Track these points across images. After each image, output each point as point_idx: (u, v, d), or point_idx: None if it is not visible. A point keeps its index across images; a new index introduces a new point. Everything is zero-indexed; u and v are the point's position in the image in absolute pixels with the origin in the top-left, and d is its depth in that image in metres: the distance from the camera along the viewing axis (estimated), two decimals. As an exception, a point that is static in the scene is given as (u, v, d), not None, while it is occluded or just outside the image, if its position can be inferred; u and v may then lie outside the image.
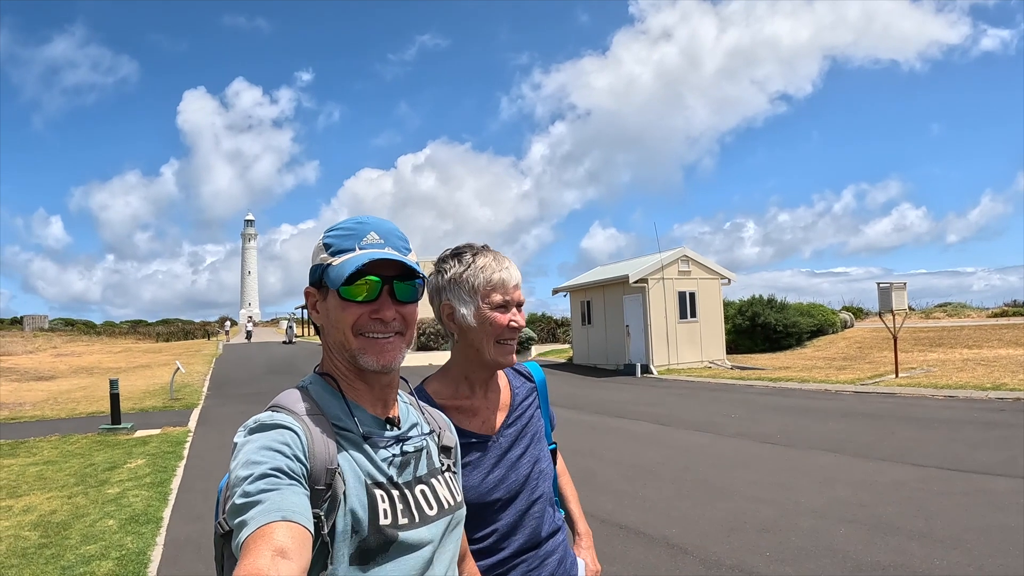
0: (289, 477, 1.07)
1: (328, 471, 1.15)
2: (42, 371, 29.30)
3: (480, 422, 1.79)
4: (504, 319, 1.74)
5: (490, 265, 1.74)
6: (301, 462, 1.11)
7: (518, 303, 1.77)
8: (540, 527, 1.81)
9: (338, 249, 1.29)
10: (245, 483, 1.04)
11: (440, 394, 1.79)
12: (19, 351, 41.01)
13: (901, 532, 5.36)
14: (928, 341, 22.74)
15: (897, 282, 16.61)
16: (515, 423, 1.85)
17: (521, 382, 1.97)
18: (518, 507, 1.77)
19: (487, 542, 1.72)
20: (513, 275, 1.76)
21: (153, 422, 13.78)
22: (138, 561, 5.51)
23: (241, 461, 1.09)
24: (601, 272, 27.38)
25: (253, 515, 0.99)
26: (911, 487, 6.66)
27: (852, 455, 8.29)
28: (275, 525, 0.98)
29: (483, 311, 1.73)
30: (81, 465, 9.62)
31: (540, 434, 1.92)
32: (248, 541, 0.96)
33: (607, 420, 12.35)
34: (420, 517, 1.27)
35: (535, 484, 1.82)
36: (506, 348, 1.76)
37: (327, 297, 1.31)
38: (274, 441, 1.11)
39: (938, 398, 12.82)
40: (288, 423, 1.16)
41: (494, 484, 1.74)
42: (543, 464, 1.87)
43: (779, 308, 28.30)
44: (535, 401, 1.96)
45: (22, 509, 7.26)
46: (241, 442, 1.14)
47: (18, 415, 15.82)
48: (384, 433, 1.30)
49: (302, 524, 1.01)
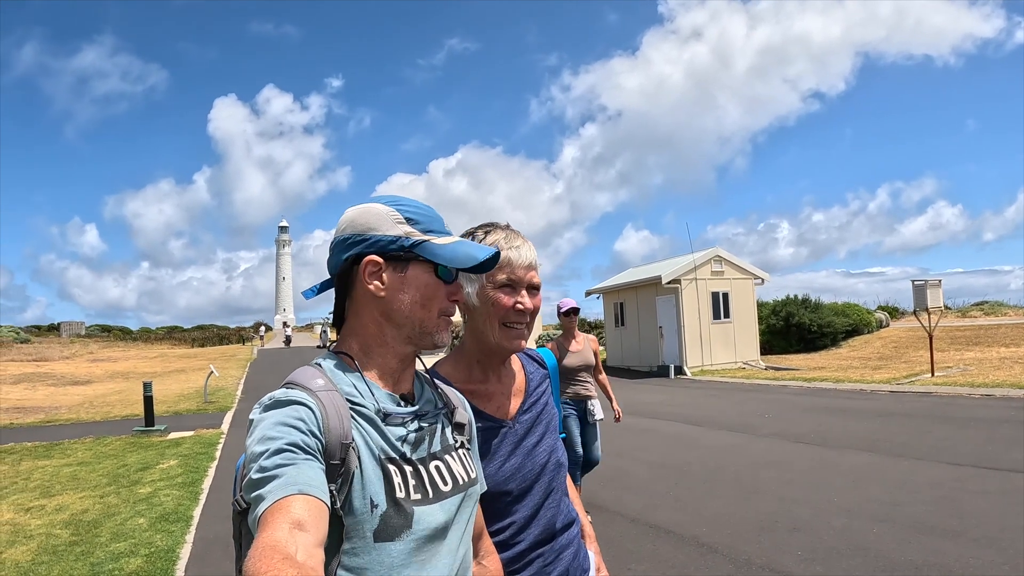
0: (305, 452, 1.07)
1: (343, 446, 1.15)
2: (78, 376, 29.83)
3: (495, 407, 1.71)
4: (509, 300, 1.63)
5: (499, 241, 1.64)
6: (316, 437, 1.11)
7: (529, 285, 1.66)
8: (556, 519, 1.73)
9: (428, 228, 1.33)
10: (261, 458, 1.04)
11: (452, 377, 1.71)
12: (56, 357, 41.77)
13: (935, 531, 5.23)
14: (965, 340, 22.31)
15: (932, 280, 16.30)
16: (531, 409, 1.77)
17: (535, 367, 1.89)
18: (535, 498, 1.69)
19: (502, 536, 1.65)
20: (523, 255, 1.65)
21: (187, 424, 13.96)
22: (166, 558, 5.56)
23: (257, 437, 1.09)
24: (634, 273, 27.19)
25: (270, 489, 1.00)
26: (946, 486, 6.51)
27: (887, 454, 8.13)
28: (292, 498, 0.98)
29: (487, 290, 1.63)
30: (114, 466, 9.76)
31: (555, 423, 1.84)
32: (266, 514, 0.97)
33: (640, 421, 12.25)
34: (435, 493, 1.26)
35: (552, 474, 1.74)
36: (512, 332, 1.65)
37: (404, 270, 1.30)
38: (289, 417, 1.11)
39: (975, 397, 12.54)
40: (303, 399, 1.15)
41: (511, 473, 1.66)
42: (559, 453, 1.79)
43: (813, 308, 27.93)
44: (548, 388, 1.88)
45: (55, 508, 7.37)
46: (257, 419, 1.14)
47: (54, 418, 16.11)
48: (398, 410, 1.30)
49: (319, 497, 1.01)
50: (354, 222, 1.32)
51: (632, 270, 28.94)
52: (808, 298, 28.74)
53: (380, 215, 1.31)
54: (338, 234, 1.34)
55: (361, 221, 1.31)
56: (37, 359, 39.72)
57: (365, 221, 1.31)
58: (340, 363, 1.30)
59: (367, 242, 1.29)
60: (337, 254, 1.33)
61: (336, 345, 1.36)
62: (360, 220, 1.32)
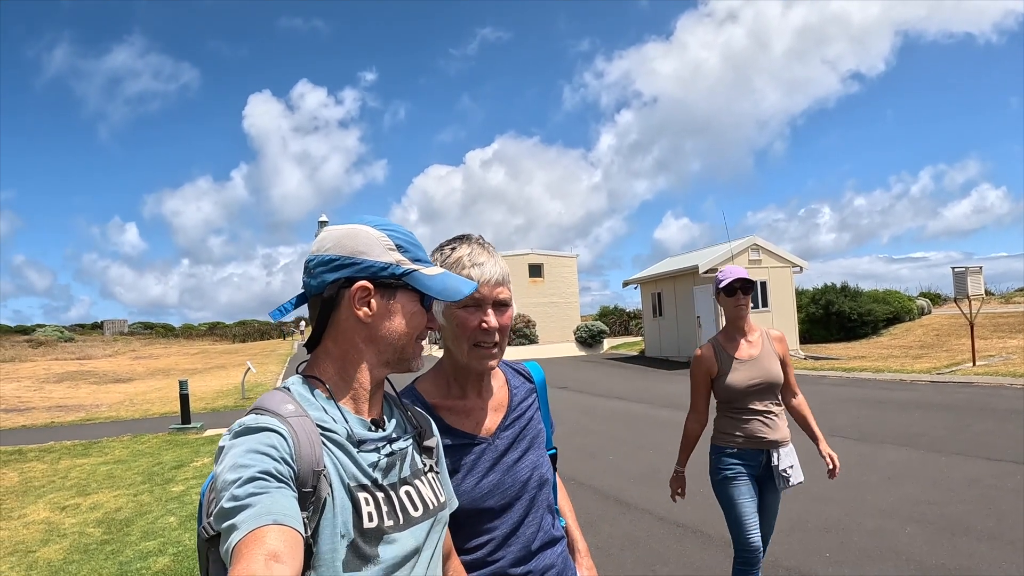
0: (278, 480, 1.05)
1: (314, 473, 1.13)
2: (120, 374, 30.46)
3: (474, 423, 1.69)
4: (474, 320, 1.59)
5: (462, 259, 1.61)
6: (288, 464, 1.09)
7: (496, 302, 1.61)
8: (536, 536, 1.69)
9: (416, 257, 1.34)
10: (233, 487, 1.01)
11: (430, 393, 1.70)
12: (99, 355, 42.76)
13: (970, 533, 5.07)
14: (1008, 327, 21.74)
15: (973, 266, 15.90)
16: (513, 425, 1.74)
17: (520, 382, 1.85)
18: (515, 515, 1.66)
19: (480, 553, 1.62)
20: (487, 271, 1.60)
21: (223, 421, 14.15)
22: (194, 557, 5.62)
23: (228, 465, 1.06)
24: (671, 263, 26.98)
25: (243, 519, 0.97)
26: (984, 484, 6.32)
27: (925, 449, 7.94)
28: (267, 529, 0.96)
29: (452, 309, 1.61)
30: (149, 464, 9.92)
31: (540, 438, 1.80)
32: (240, 545, 0.95)
33: (677, 414, 12.10)
34: (405, 519, 1.25)
35: (534, 491, 1.71)
36: (481, 352, 1.61)
37: (392, 297, 1.29)
38: (261, 444, 1.09)
39: (1016, 387, 12.18)
40: (274, 426, 1.13)
41: (489, 489, 1.64)
42: (543, 469, 1.75)
43: (853, 296, 27.41)
44: (535, 403, 1.84)
45: (89, 507, 7.50)
46: (227, 445, 1.11)
47: (93, 416, 16.45)
48: (369, 435, 1.28)
49: (294, 527, 1.00)
50: (341, 243, 1.29)
51: (669, 260, 28.72)
52: (848, 286, 28.22)
53: (371, 240, 1.30)
54: (321, 253, 1.30)
55: (350, 244, 1.29)
56: (80, 357, 40.68)
57: (354, 244, 1.29)
58: (310, 387, 1.27)
59: (358, 266, 1.27)
60: (320, 274, 1.29)
61: (307, 367, 1.32)
62: (348, 243, 1.29)
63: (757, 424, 3.47)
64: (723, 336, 3.65)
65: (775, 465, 3.46)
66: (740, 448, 3.47)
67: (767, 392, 3.52)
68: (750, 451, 3.46)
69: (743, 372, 3.49)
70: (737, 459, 3.47)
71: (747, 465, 3.46)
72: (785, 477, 3.43)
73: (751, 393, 3.48)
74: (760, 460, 3.48)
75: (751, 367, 3.51)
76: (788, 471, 3.44)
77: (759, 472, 3.49)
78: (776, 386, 3.55)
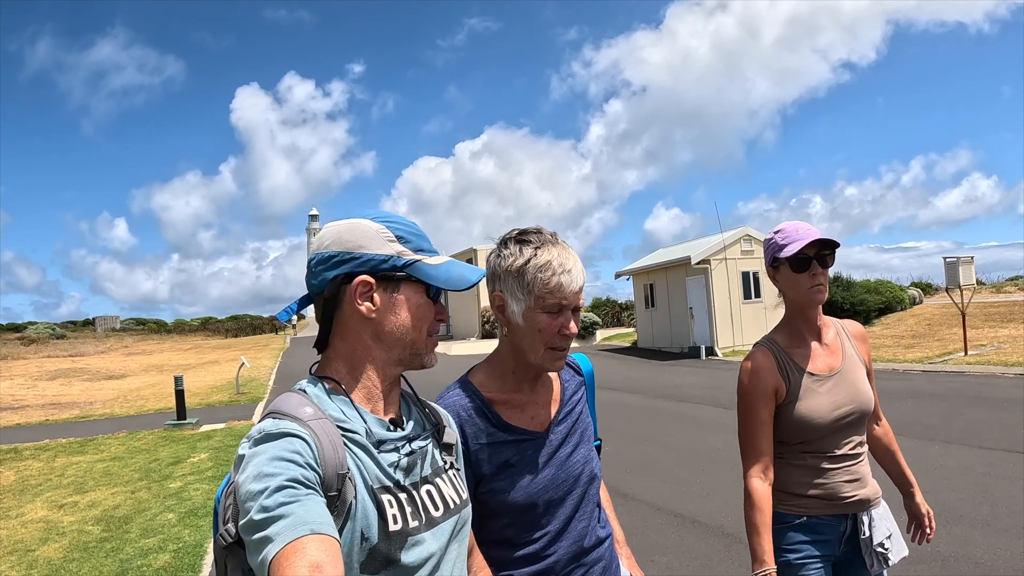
0: (306, 487, 1.03)
1: (339, 476, 1.11)
2: (113, 370, 30.34)
3: (529, 417, 1.68)
4: (556, 325, 1.58)
5: (552, 264, 1.56)
6: (314, 470, 1.07)
7: (575, 307, 1.61)
8: (587, 532, 1.70)
9: (418, 247, 1.30)
10: (261, 497, 1.00)
11: (486, 386, 1.69)
12: (91, 352, 42.55)
13: (964, 520, 5.13)
14: (999, 316, 21.84)
15: (964, 256, 15.99)
16: (566, 419, 1.73)
17: (570, 375, 1.83)
18: (567, 509, 1.66)
19: (534, 547, 1.62)
20: (575, 279, 1.58)
21: (218, 416, 14.14)
22: (194, 553, 5.64)
23: (251, 474, 1.04)
24: (663, 254, 27.05)
25: (278, 530, 0.96)
26: (977, 471, 6.38)
27: (918, 438, 7.99)
28: (305, 539, 0.95)
29: (535, 313, 1.58)
30: (146, 460, 9.92)
31: (590, 431, 1.80)
32: (279, 558, 0.93)
33: (669, 404, 12.19)
34: (427, 519, 1.23)
35: (586, 485, 1.71)
36: (555, 354, 1.61)
37: (396, 290, 1.27)
38: (284, 451, 1.07)
39: (1008, 376, 12.28)
40: (295, 430, 1.10)
41: (544, 484, 1.63)
42: (593, 464, 1.76)
43: (845, 286, 27.48)
44: (584, 396, 1.83)
45: (87, 504, 7.51)
46: (248, 454, 1.08)
47: (88, 414, 16.40)
48: (391, 435, 1.26)
49: (331, 535, 0.99)
50: (340, 238, 1.26)
51: (662, 251, 28.79)
52: (840, 276, 28.29)
53: (370, 233, 1.27)
54: (321, 250, 1.28)
55: (349, 238, 1.26)
56: (73, 354, 40.50)
57: (353, 238, 1.26)
58: (325, 388, 1.25)
59: (357, 261, 1.25)
60: (321, 272, 1.26)
61: (319, 368, 1.30)
62: (347, 237, 1.26)
63: (839, 476, 2.17)
64: (784, 336, 2.30)
65: (866, 537, 2.17)
66: (811, 516, 2.17)
67: (857, 426, 2.22)
68: (827, 519, 2.17)
69: (826, 396, 2.17)
70: (806, 533, 2.16)
71: (822, 543, 2.16)
72: (882, 554, 2.17)
73: (838, 430, 2.17)
74: (841, 531, 2.19)
75: (836, 387, 2.19)
76: (886, 544, 2.18)
77: (838, 551, 2.20)
78: (868, 415, 2.25)
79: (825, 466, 2.17)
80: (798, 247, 2.14)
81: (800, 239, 2.15)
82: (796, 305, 2.25)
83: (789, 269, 2.19)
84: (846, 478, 2.17)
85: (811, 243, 2.14)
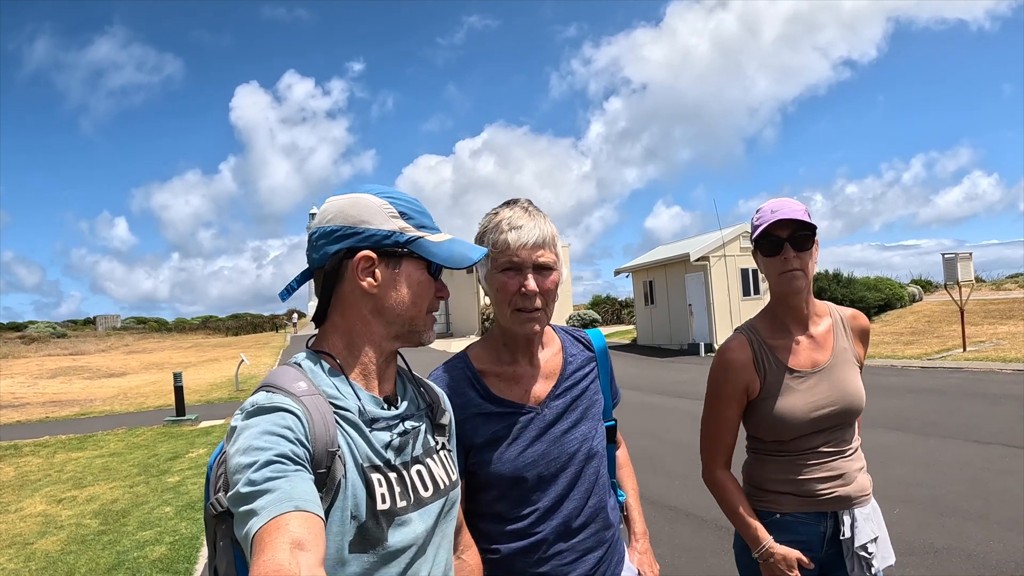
0: (295, 463, 1.03)
1: (329, 454, 1.11)
2: (113, 368, 30.38)
3: (522, 391, 1.64)
4: (514, 284, 1.55)
5: (501, 223, 1.56)
6: (304, 446, 1.07)
7: (536, 265, 1.55)
8: (581, 513, 1.64)
9: (421, 224, 1.29)
10: (249, 471, 0.99)
11: (480, 359, 1.67)
12: (92, 350, 42.62)
13: (958, 513, 5.13)
14: (998, 313, 21.84)
15: (962, 252, 15.99)
16: (564, 394, 1.67)
17: (579, 349, 1.78)
18: (558, 487, 1.61)
19: (522, 523, 1.59)
20: (525, 234, 1.54)
21: (218, 413, 14.16)
22: (190, 546, 5.66)
23: (242, 447, 1.03)
24: (662, 252, 27.01)
25: (263, 504, 0.96)
26: (974, 466, 6.38)
27: (916, 433, 8.00)
28: (288, 516, 0.95)
29: (493, 275, 1.58)
30: (144, 456, 9.94)
31: (596, 409, 1.73)
32: (261, 533, 0.93)
33: (668, 400, 12.19)
34: (416, 499, 1.23)
35: (581, 463, 1.64)
36: (523, 316, 1.57)
37: (398, 266, 1.26)
38: (275, 425, 1.06)
39: (1006, 372, 12.28)
40: (288, 405, 1.10)
41: (534, 459, 1.59)
42: (595, 442, 1.69)
43: (845, 283, 27.48)
44: (593, 371, 1.76)
45: (85, 499, 7.53)
46: (240, 426, 1.08)
47: (88, 411, 16.44)
48: (384, 413, 1.25)
49: (315, 513, 0.98)
50: (343, 213, 1.25)
51: (661, 248, 28.75)
52: (840, 273, 28.32)
53: (373, 208, 1.26)
54: (323, 224, 1.26)
55: (352, 212, 1.25)
56: (73, 353, 40.55)
57: (357, 213, 1.25)
58: (321, 363, 1.25)
59: (360, 236, 1.23)
60: (323, 246, 1.25)
61: (316, 342, 1.30)
62: (351, 211, 1.25)
63: (815, 472, 1.99)
64: (767, 325, 2.11)
65: (846, 539, 1.98)
66: (785, 514, 2.01)
67: (840, 424, 2.02)
68: (803, 517, 2.00)
69: (804, 395, 1.98)
70: (780, 532, 1.98)
71: (798, 543, 1.97)
72: (864, 559, 1.96)
73: (818, 430, 1.99)
74: (821, 531, 2.00)
75: (818, 385, 1.99)
76: (870, 548, 1.98)
77: (821, 552, 2.01)
78: (856, 414, 2.04)
79: (799, 462, 1.99)
80: (764, 226, 1.97)
81: (768, 219, 1.96)
82: (775, 292, 2.08)
83: (762, 255, 2.05)
84: (823, 474, 1.98)
85: (782, 223, 1.94)
